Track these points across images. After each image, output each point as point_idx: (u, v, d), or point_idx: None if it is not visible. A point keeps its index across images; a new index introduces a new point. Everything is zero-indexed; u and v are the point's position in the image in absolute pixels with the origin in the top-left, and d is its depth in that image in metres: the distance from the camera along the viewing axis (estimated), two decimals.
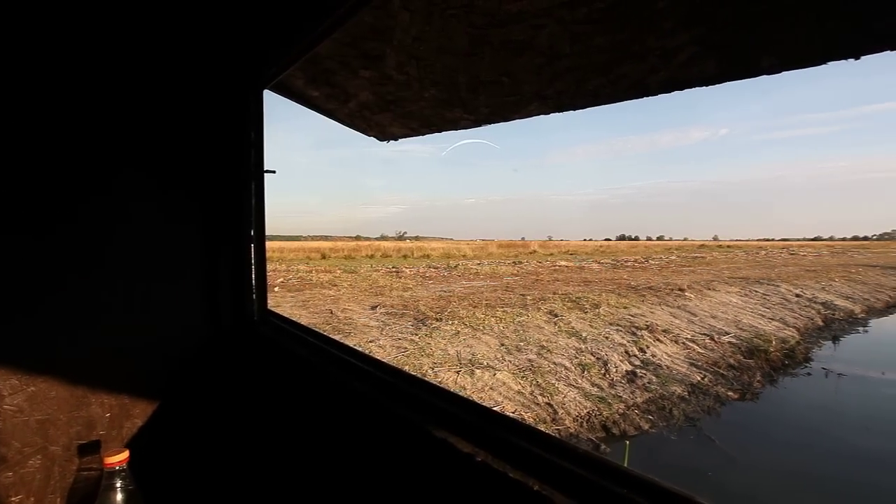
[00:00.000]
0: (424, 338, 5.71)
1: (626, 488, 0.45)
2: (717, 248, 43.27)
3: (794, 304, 9.91)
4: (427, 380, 0.77)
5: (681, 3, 0.55)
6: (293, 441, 1.01)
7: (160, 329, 1.07)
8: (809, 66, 0.62)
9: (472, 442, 0.59)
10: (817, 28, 0.52)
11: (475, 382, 4.61)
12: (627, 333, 6.39)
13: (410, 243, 47.45)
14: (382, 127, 1.47)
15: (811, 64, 0.61)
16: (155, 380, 1.07)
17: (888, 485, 3.46)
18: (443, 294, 9.28)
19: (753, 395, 5.20)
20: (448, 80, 1.02)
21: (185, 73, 1.09)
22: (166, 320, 1.09)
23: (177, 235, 1.10)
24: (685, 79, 0.76)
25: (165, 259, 1.09)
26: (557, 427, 4.12)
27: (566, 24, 0.66)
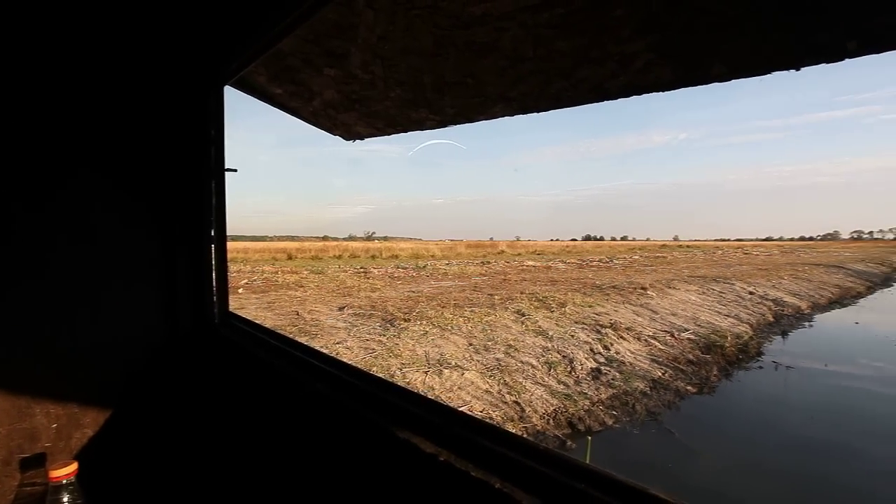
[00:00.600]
0: (392, 338, 5.68)
1: (585, 483, 0.46)
2: (677, 248, 44.86)
3: (748, 301, 10.38)
4: (391, 381, 0.77)
5: (637, 12, 0.57)
6: (256, 446, 0.98)
7: (114, 333, 1.03)
8: (755, 75, 0.65)
9: (435, 442, 0.59)
10: (761, 40, 0.55)
11: (443, 382, 4.62)
12: (592, 331, 6.54)
13: (379, 244, 47.14)
14: (348, 126, 1.45)
15: (757, 73, 0.64)
16: (108, 387, 1.02)
17: (831, 471, 3.67)
18: (411, 294, 9.26)
19: (710, 389, 5.41)
20: (413, 80, 1.01)
21: (141, 68, 1.05)
22: (120, 324, 1.04)
23: (132, 236, 1.06)
24: (643, 84, 0.78)
25: (120, 261, 1.04)
26: (525, 425, 4.17)
27: (529, 27, 0.67)
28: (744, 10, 0.51)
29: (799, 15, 0.48)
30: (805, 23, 0.49)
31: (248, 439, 1.03)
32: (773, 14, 0.51)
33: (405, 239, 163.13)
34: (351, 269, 16.11)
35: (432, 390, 4.46)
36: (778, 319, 9.57)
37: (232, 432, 1.08)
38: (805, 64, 0.54)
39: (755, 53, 0.59)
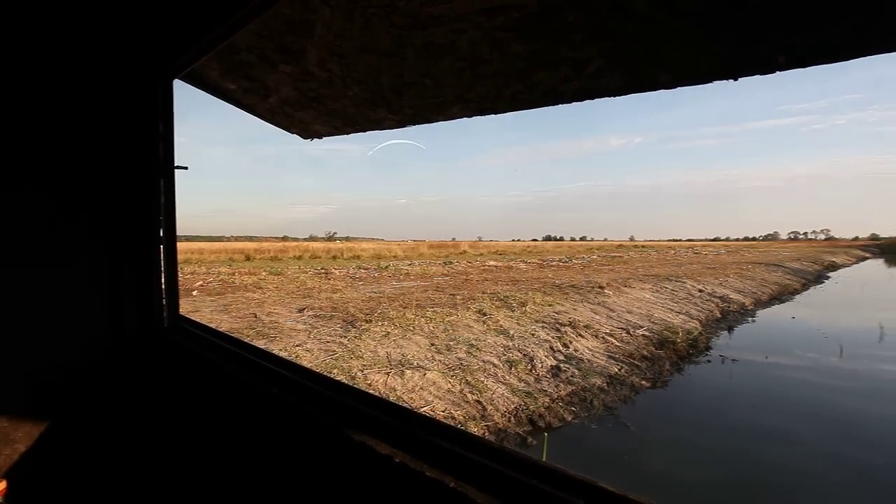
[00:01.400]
0: (354, 340, 5.61)
1: (537, 478, 0.47)
2: (633, 248, 46.46)
3: (698, 298, 10.88)
4: (347, 383, 0.76)
5: (588, 19, 0.59)
6: (208, 452, 0.95)
7: (50, 342, 0.96)
8: (698, 83, 0.69)
9: (390, 443, 0.59)
10: (703, 51, 0.58)
11: (405, 383, 4.60)
12: (552, 330, 6.68)
13: (340, 244, 46.36)
14: (305, 125, 1.42)
15: (700, 82, 0.68)
16: (43, 399, 0.96)
17: (772, 454, 3.90)
18: (373, 295, 9.18)
19: (663, 383, 5.64)
20: (371, 79, 1.01)
21: (80, 60, 0.99)
22: (58, 332, 0.98)
23: (73, 239, 1.00)
24: (595, 89, 0.81)
25: (59, 264, 0.98)
26: (487, 423, 4.21)
27: (485, 30, 0.68)
28: (686, 24, 0.54)
29: (736, 31, 0.51)
30: (741, 38, 0.52)
31: (200, 446, 0.99)
32: (713, 28, 0.53)
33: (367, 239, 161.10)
34: (311, 270, 15.79)
35: (394, 391, 4.44)
36: (724, 315, 10.08)
37: (183, 439, 1.04)
38: (742, 74, 0.57)
39: (697, 63, 0.62)
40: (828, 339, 7.93)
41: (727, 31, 0.52)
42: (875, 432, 4.43)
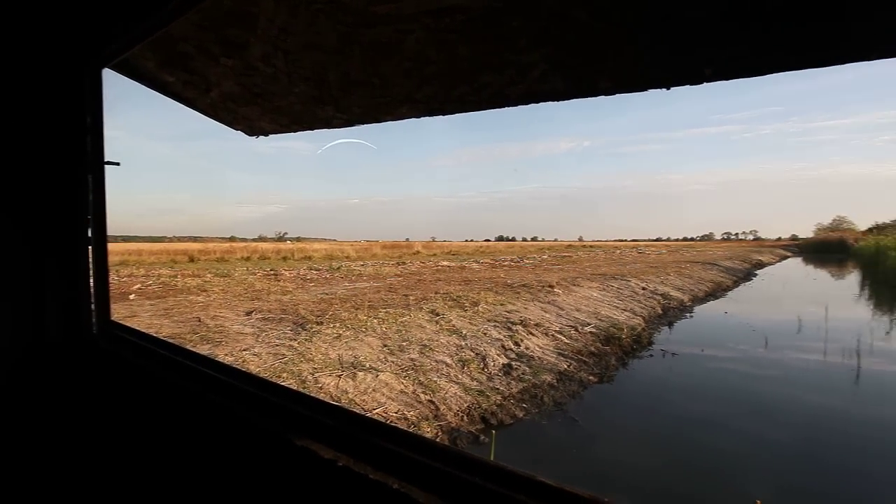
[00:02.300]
0: (304, 343, 5.47)
1: (479, 476, 0.49)
2: (582, 248, 48.04)
3: (641, 296, 11.41)
4: (290, 387, 0.74)
5: (531, 24, 0.60)
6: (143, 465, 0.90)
7: None
8: (635, 90, 0.72)
9: (334, 447, 0.58)
10: (638, 60, 0.61)
11: (358, 385, 4.54)
12: (504, 329, 6.80)
13: (291, 244, 45.03)
14: (250, 121, 1.38)
15: (636, 89, 0.71)
16: None
17: (705, 441, 4.16)
18: (324, 297, 8.99)
19: (609, 378, 5.87)
20: (318, 76, 0.99)
21: None
22: None
23: None
24: (540, 92, 0.83)
25: None
26: (440, 423, 4.23)
27: (432, 31, 0.69)
28: (622, 34, 0.56)
29: (666, 42, 0.54)
30: (670, 49, 0.55)
31: (133, 460, 0.93)
32: (646, 40, 0.56)
33: (319, 240, 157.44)
34: (260, 272, 15.26)
35: (346, 394, 4.37)
36: (665, 312, 10.63)
37: (114, 454, 0.98)
38: (673, 84, 0.61)
39: (633, 71, 0.65)
40: (755, 332, 8.54)
41: (659, 42, 0.55)
42: (794, 415, 4.82)
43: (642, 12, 0.49)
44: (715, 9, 0.44)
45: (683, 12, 0.47)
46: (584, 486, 2.05)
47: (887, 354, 7.28)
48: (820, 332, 8.32)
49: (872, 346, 7.56)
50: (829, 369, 6.43)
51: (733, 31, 0.46)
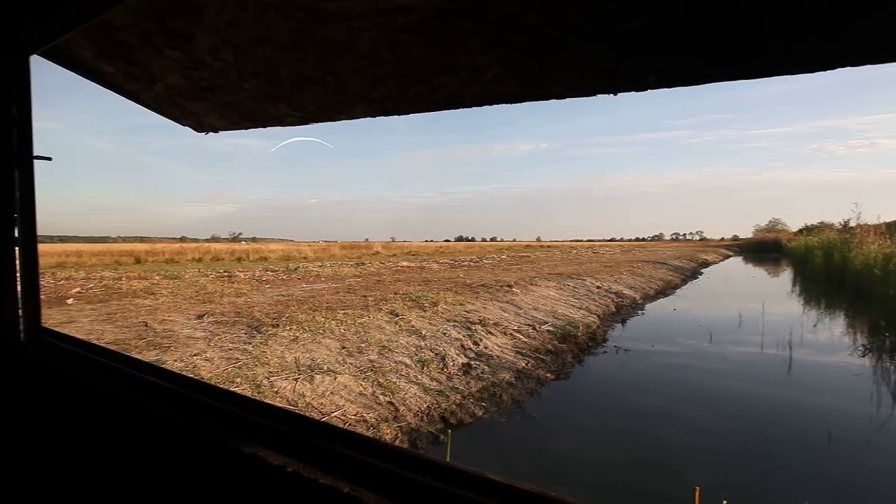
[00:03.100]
0: (259, 346, 5.32)
1: (429, 475, 0.49)
2: (540, 248, 49.05)
3: (596, 294, 11.78)
4: (238, 392, 0.72)
5: (483, 27, 0.62)
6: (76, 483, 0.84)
7: None
8: (583, 95, 0.75)
9: (283, 453, 0.57)
10: (586, 66, 0.63)
11: (315, 388, 4.46)
12: (463, 328, 6.85)
13: (246, 245, 43.55)
14: (198, 117, 1.32)
15: (585, 94, 0.74)
16: None
17: (655, 432, 4.34)
18: (281, 298, 8.76)
19: (566, 375, 6.03)
20: (270, 72, 0.96)
21: None
22: None
23: None
24: (494, 95, 0.85)
25: None
26: (399, 424, 4.21)
27: (385, 30, 0.69)
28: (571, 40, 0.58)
29: (613, 49, 0.56)
30: (617, 56, 0.57)
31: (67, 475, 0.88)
32: (593, 46, 0.58)
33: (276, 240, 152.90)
34: (213, 273, 14.69)
35: (303, 398, 4.28)
36: (619, 309, 11.02)
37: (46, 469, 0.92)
38: (619, 90, 0.64)
39: (582, 76, 0.67)
40: (701, 328, 8.99)
41: (605, 50, 0.57)
42: (734, 404, 5.12)
43: (590, 20, 0.51)
44: (657, 20, 0.46)
45: (628, 22, 0.49)
46: (540, 480, 2.11)
47: (814, 345, 7.85)
48: (758, 326, 8.86)
49: (802, 338, 8.13)
50: (766, 360, 6.86)
51: (673, 42, 0.49)
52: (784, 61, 0.45)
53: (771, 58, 0.46)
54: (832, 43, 0.41)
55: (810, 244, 23.43)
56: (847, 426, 4.50)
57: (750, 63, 0.47)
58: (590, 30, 0.55)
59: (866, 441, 4.20)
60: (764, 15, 0.40)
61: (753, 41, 0.45)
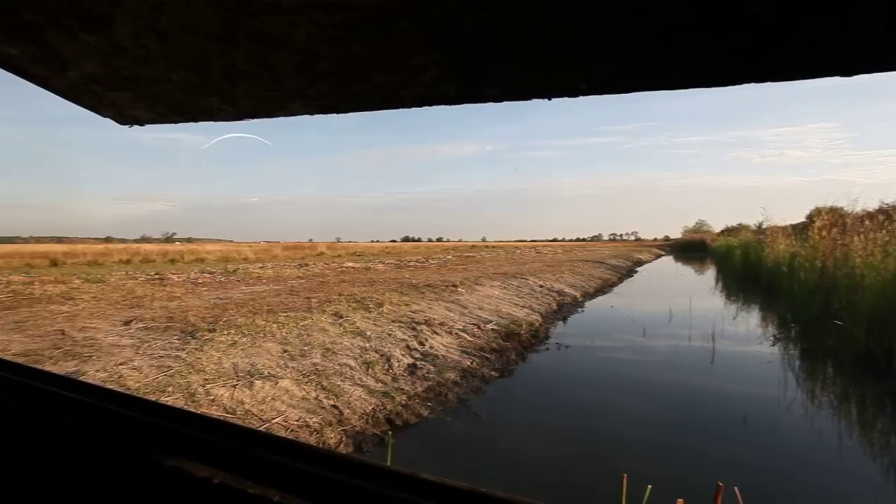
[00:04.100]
0: (194, 352, 5.04)
1: (361, 478, 0.49)
2: (485, 248, 49.80)
3: (539, 293, 12.14)
4: (160, 402, 0.68)
5: (421, 28, 0.62)
6: None
7: None
8: (520, 99, 0.78)
9: (209, 463, 0.54)
10: (522, 70, 0.65)
11: (255, 395, 4.30)
12: (409, 329, 6.84)
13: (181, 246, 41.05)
14: (121, 108, 1.24)
15: (522, 98, 0.76)
16: None
17: (594, 424, 4.55)
18: (218, 302, 8.36)
19: (510, 372, 6.17)
20: (199, 63, 0.92)
21: None
22: None
23: None
24: (434, 96, 0.85)
25: None
26: (343, 427, 4.15)
27: (323, 26, 0.68)
28: (507, 44, 0.60)
29: (546, 55, 0.58)
30: (550, 61, 0.60)
31: None
32: (527, 51, 0.60)
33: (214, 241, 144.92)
34: (143, 276, 13.75)
35: (242, 405, 4.10)
36: (560, 307, 11.42)
37: None
38: (552, 96, 0.67)
39: (518, 81, 0.70)
40: (636, 323, 9.49)
41: (540, 55, 0.59)
42: (666, 394, 5.46)
43: (526, 27, 0.53)
44: (589, 30, 0.48)
45: (562, 30, 0.51)
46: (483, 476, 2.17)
47: (734, 337, 8.52)
48: (686, 320, 9.48)
49: (724, 330, 8.80)
50: (692, 352, 7.37)
51: (602, 52, 0.52)
52: (695, 75, 0.50)
53: (682, 71, 0.50)
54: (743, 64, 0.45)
55: (730, 244, 25.41)
56: (760, 408, 4.94)
57: (670, 75, 0.51)
58: (525, 36, 0.57)
59: (775, 421, 4.63)
60: (680, 31, 0.43)
61: (669, 54, 0.48)
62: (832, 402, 5.49)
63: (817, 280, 8.37)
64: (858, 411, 5.27)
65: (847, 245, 8.04)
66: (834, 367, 6.64)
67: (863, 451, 4.22)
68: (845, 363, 6.65)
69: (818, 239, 9.31)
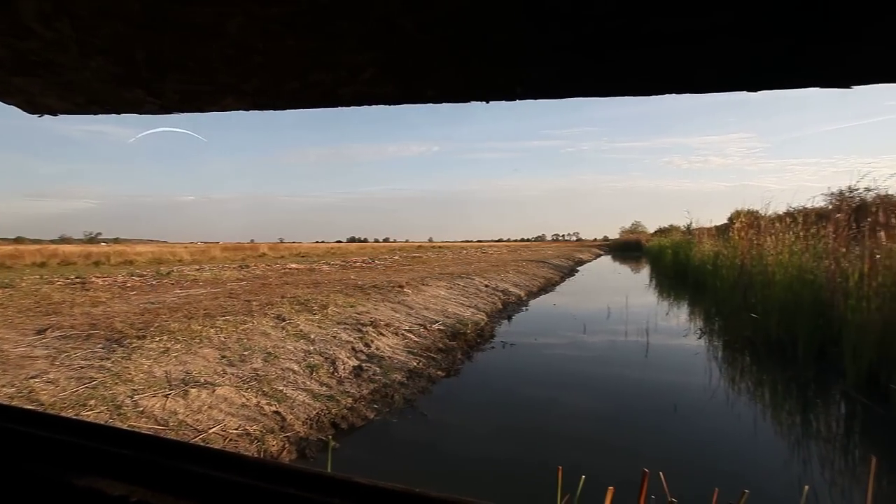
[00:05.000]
0: (121, 361, 4.71)
1: (294, 486, 0.48)
2: (431, 249, 49.90)
3: (484, 292, 12.33)
4: (74, 418, 0.64)
5: (358, 27, 0.62)
6: None
7: None
8: (459, 101, 0.79)
9: (127, 480, 0.51)
10: (460, 71, 0.66)
11: (190, 404, 4.08)
12: (354, 331, 6.74)
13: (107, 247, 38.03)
14: (30, 95, 1.13)
15: (459, 100, 0.77)
16: None
17: (536, 420, 4.69)
18: (149, 307, 7.85)
19: (456, 371, 6.23)
20: (122, 51, 0.86)
21: None
22: None
23: None
24: (372, 95, 0.85)
25: None
26: (286, 434, 4.02)
27: (256, 18, 0.65)
28: (445, 47, 0.61)
29: (483, 59, 0.59)
30: (488, 65, 0.61)
31: None
32: (465, 54, 0.61)
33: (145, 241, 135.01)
34: (61, 280, 12.63)
35: (175, 415, 3.88)
36: (505, 306, 11.66)
37: None
38: (490, 99, 0.68)
39: (456, 83, 0.71)
40: (577, 320, 9.87)
41: (477, 58, 0.60)
42: (604, 387, 5.74)
43: (462, 29, 0.54)
44: (522, 35, 0.50)
45: (497, 33, 0.52)
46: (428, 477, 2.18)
47: (665, 331, 9.07)
48: (623, 316, 9.98)
49: (657, 325, 9.35)
50: (628, 346, 7.78)
51: (536, 57, 0.54)
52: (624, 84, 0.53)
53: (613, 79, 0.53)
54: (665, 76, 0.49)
55: (662, 244, 26.98)
56: (688, 397, 5.30)
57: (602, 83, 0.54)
58: (462, 38, 0.57)
59: (701, 408, 4.99)
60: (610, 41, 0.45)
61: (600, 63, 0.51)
62: (749, 388, 6.02)
63: (737, 277, 9.07)
64: (770, 394, 5.80)
65: (761, 245, 8.77)
66: (751, 356, 7.23)
67: (774, 430, 4.69)
68: (760, 352, 7.27)
69: (737, 239, 10.09)
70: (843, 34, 0.40)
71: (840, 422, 4.97)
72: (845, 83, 0.47)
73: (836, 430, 4.80)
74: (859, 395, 5.12)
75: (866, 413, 4.81)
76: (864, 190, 8.56)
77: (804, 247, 7.79)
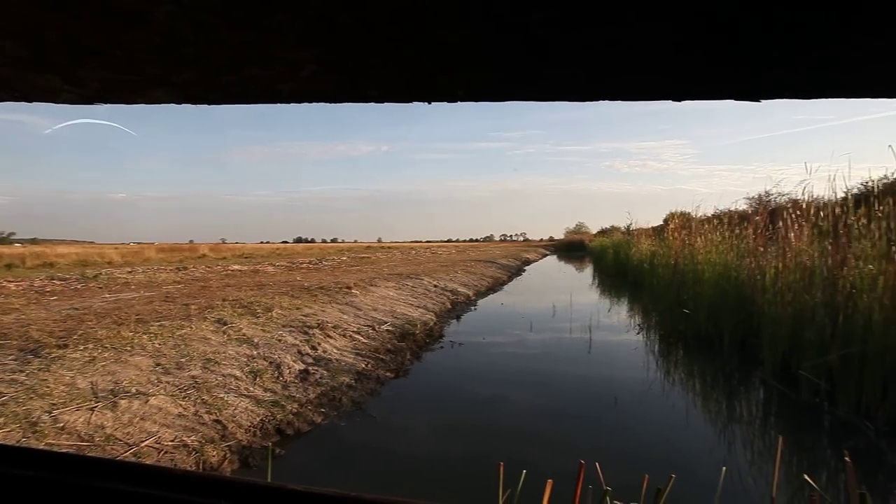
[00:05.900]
0: (38, 373, 4.33)
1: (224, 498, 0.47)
2: (380, 249, 49.41)
3: (433, 293, 12.38)
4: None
5: (296, 22, 0.61)
6: None
7: None
8: (401, 102, 0.79)
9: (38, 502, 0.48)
10: (403, 72, 0.67)
11: (120, 416, 3.82)
12: (300, 333, 6.57)
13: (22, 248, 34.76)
14: None
15: (402, 101, 0.78)
16: None
17: (484, 418, 4.77)
18: (73, 313, 7.26)
19: (405, 372, 6.22)
20: (32, 34, 0.80)
21: None
22: None
23: None
24: (312, 92, 0.83)
25: None
26: (228, 443, 3.86)
27: (186, 8, 0.63)
28: (387, 46, 0.61)
29: (428, 59, 0.60)
30: (430, 68, 0.61)
31: None
32: (408, 55, 0.61)
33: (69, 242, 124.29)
34: None
35: (102, 430, 3.63)
36: (454, 306, 11.75)
37: None
38: (433, 100, 0.69)
39: (398, 83, 0.71)
40: (523, 319, 10.13)
41: (420, 59, 0.61)
42: (549, 383, 5.93)
43: (405, 30, 0.54)
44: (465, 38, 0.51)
45: (437, 34, 0.53)
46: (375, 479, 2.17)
47: (607, 328, 9.49)
48: (567, 314, 10.34)
49: (599, 322, 9.76)
50: (573, 343, 8.08)
51: (477, 60, 0.55)
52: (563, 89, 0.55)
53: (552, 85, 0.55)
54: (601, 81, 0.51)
55: (604, 244, 28.17)
56: (627, 389, 5.58)
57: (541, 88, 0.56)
58: (404, 38, 0.58)
59: (639, 400, 5.27)
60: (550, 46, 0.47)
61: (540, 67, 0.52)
62: (681, 379, 6.43)
63: (671, 275, 9.63)
64: (699, 384, 6.24)
65: (692, 245, 9.36)
66: (683, 349, 7.71)
67: (702, 417, 5.06)
68: (691, 345, 7.77)
69: (671, 239, 10.71)
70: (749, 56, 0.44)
71: (758, 406, 5.42)
72: (755, 97, 0.51)
73: (754, 413, 5.24)
74: (775, 381, 5.61)
75: (780, 397, 5.28)
76: (778, 195, 9.33)
77: (729, 246, 8.40)
